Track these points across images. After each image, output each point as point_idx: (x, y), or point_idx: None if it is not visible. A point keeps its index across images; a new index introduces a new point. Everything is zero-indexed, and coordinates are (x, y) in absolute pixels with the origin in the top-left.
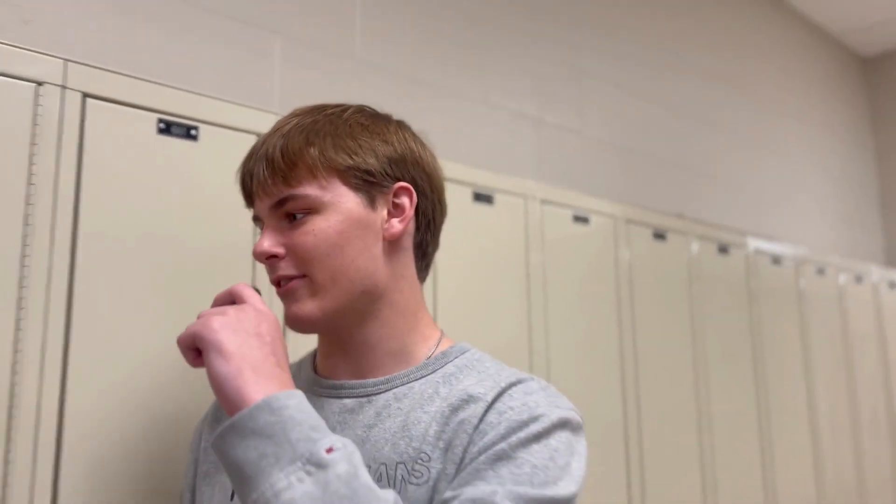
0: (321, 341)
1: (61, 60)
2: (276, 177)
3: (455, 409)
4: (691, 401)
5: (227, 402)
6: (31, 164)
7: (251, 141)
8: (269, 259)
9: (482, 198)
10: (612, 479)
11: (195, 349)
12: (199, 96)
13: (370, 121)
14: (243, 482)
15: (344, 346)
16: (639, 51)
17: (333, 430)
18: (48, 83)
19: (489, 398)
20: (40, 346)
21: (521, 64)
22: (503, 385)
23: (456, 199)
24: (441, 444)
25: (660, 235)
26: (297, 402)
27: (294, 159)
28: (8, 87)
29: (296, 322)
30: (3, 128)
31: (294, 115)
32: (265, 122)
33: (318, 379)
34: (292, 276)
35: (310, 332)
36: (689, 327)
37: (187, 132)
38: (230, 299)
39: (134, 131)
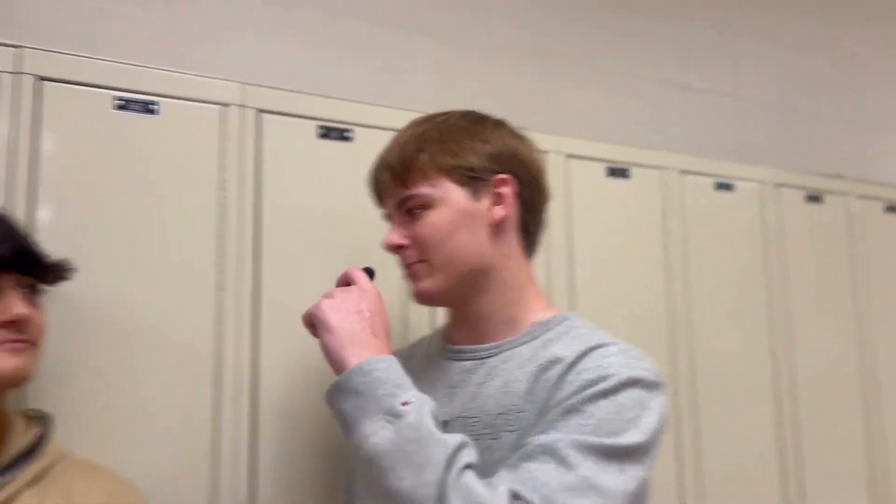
0: (448, 313)
1: (238, 84)
2: (396, 181)
3: (543, 369)
4: (853, 367)
5: (333, 367)
6: (220, 171)
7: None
8: (396, 249)
9: (617, 172)
10: (760, 446)
11: (312, 325)
12: (353, 102)
13: (471, 124)
14: (345, 429)
15: (463, 316)
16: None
17: (455, 387)
18: (231, 104)
19: (570, 360)
20: (234, 316)
21: (665, 30)
22: (584, 349)
23: (590, 175)
24: (530, 399)
25: (814, 198)
26: (385, 365)
27: (409, 165)
28: (198, 109)
29: (419, 297)
30: (196, 144)
31: (410, 125)
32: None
33: (444, 345)
34: (416, 262)
35: (432, 305)
36: (848, 292)
37: (342, 135)
38: (345, 281)
39: (299, 137)
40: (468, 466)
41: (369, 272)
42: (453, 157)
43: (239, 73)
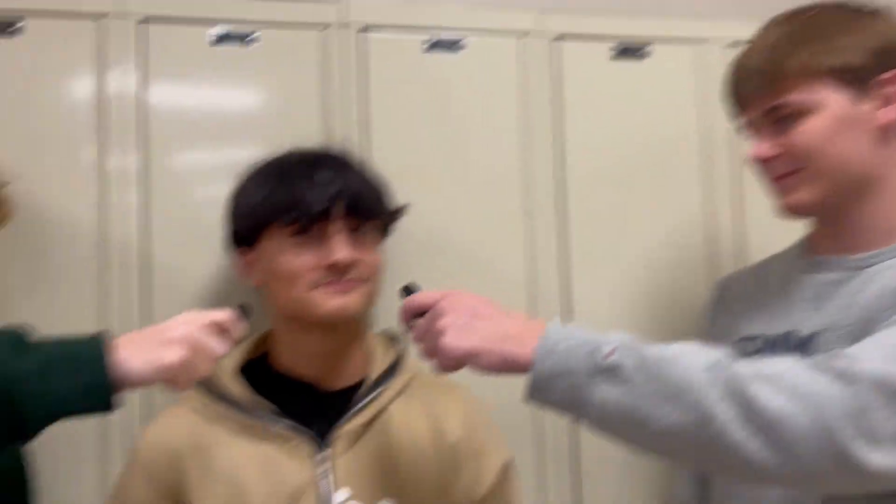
0: (814, 225)
1: (531, 11)
2: (765, 87)
3: None
4: None
5: (515, 371)
6: (520, 101)
7: (702, 54)
8: (763, 161)
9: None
10: None
11: (458, 365)
12: (648, 19)
13: (847, 17)
14: (572, 413)
15: (833, 226)
16: None
17: (821, 299)
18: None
19: None
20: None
21: None
22: None
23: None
24: None
25: None
26: (555, 331)
27: (781, 69)
28: (495, 43)
29: (793, 209)
30: (496, 78)
31: (773, 24)
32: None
33: (806, 257)
34: (787, 173)
35: (802, 217)
36: None
37: (636, 53)
38: (413, 312)
39: (591, 60)
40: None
41: (410, 290)
42: (832, 57)
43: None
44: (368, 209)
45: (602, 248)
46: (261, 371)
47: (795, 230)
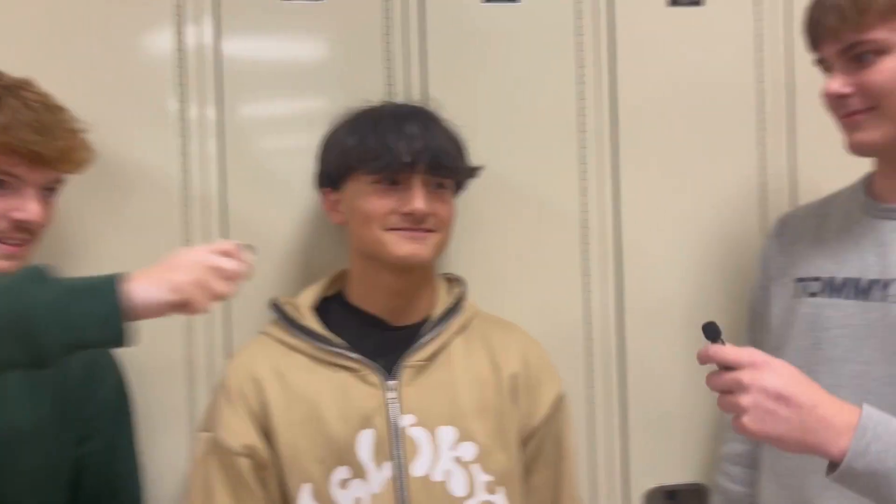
0: (878, 168)
1: None
2: (846, 24)
3: None
4: None
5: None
6: (577, 50)
7: (750, 7)
8: (836, 98)
9: None
10: None
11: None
12: None
13: None
14: (876, 500)
15: None
16: None
17: (887, 245)
18: None
19: None
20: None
21: None
22: None
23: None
24: None
25: None
26: (865, 433)
27: (864, 6)
28: None
29: (860, 147)
30: (552, 27)
31: None
32: None
33: (873, 203)
34: (858, 111)
35: (869, 155)
36: None
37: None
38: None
39: (646, 7)
40: None
41: (713, 331)
42: None
43: None
44: (448, 166)
45: (654, 192)
46: (336, 306)
47: (848, 179)
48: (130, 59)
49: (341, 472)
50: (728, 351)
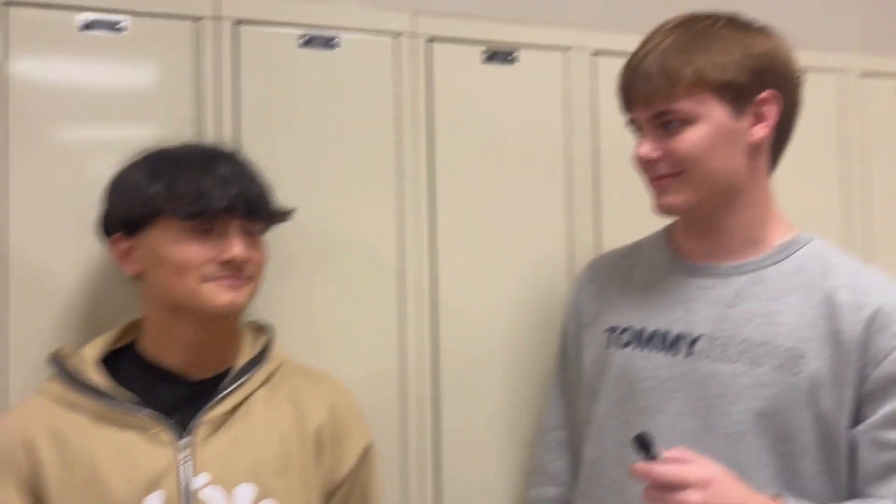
0: (681, 227)
1: (408, 14)
2: (656, 93)
3: (823, 315)
4: None
5: None
6: (395, 99)
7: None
8: (647, 162)
9: None
10: None
11: None
12: (517, 25)
13: (739, 32)
14: None
15: (702, 231)
16: None
17: (691, 302)
18: (403, 33)
19: (866, 316)
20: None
21: None
22: (880, 302)
23: None
24: (816, 346)
25: None
26: None
27: (673, 77)
28: (370, 42)
29: (664, 210)
30: (371, 75)
31: (668, 30)
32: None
33: (674, 258)
34: (666, 175)
35: (675, 216)
36: None
37: (506, 57)
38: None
39: (462, 62)
40: None
41: (645, 444)
42: (722, 73)
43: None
44: (264, 211)
45: (469, 243)
46: (128, 359)
47: (647, 231)
48: None
49: None
50: (671, 472)
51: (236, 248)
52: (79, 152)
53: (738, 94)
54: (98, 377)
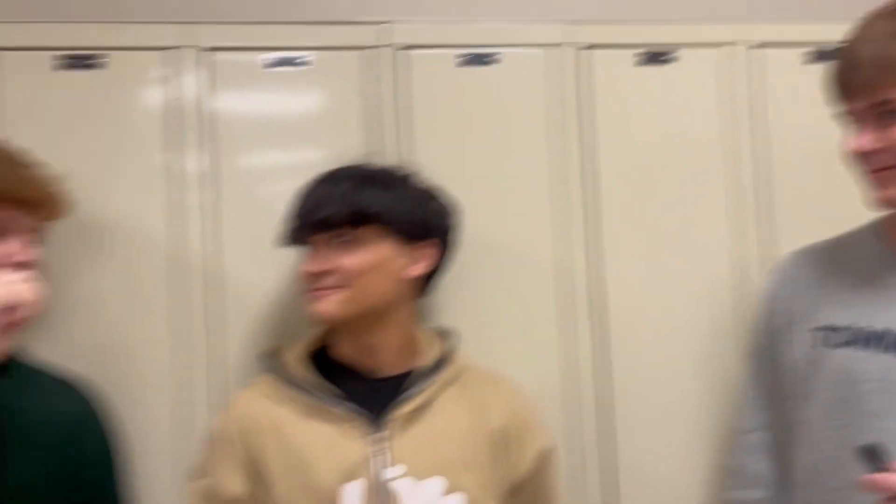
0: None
1: (559, 24)
2: (875, 80)
3: None
4: None
5: None
6: (554, 107)
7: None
8: (865, 154)
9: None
10: None
11: None
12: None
13: None
14: None
15: None
16: None
17: None
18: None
19: None
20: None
21: None
22: None
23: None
24: None
25: None
26: None
27: (889, 65)
28: (525, 55)
29: (887, 202)
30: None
31: (880, 17)
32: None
33: (886, 251)
34: (886, 167)
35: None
36: None
37: (662, 58)
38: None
39: (618, 67)
40: None
41: (876, 455)
42: None
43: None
44: (344, 218)
45: (637, 246)
46: (322, 360)
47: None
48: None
49: None
50: None
51: (308, 262)
52: (273, 173)
53: None
54: (306, 373)
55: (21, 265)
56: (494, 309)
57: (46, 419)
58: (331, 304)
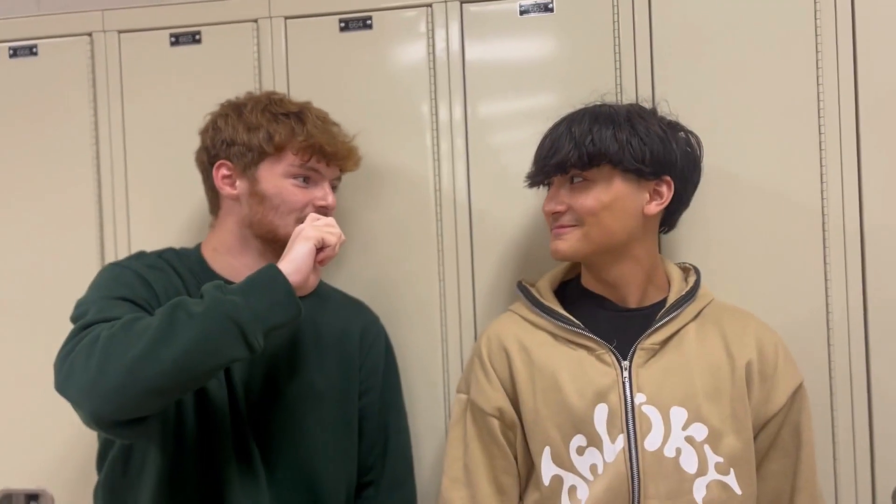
0: None
1: None
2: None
3: None
4: None
5: None
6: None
7: None
8: None
9: None
10: None
11: None
12: None
13: None
14: None
15: None
16: None
17: None
18: None
19: None
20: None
21: None
22: None
23: None
24: None
25: None
26: None
27: None
28: None
29: None
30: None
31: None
32: None
33: None
34: None
35: None
36: None
37: None
38: None
39: None
40: None
41: None
42: None
43: None
44: (579, 159)
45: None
46: (573, 289)
47: None
48: (390, 71)
49: (578, 440)
50: None
51: (547, 202)
52: (521, 117)
53: None
54: (553, 303)
55: (323, 209)
56: (749, 246)
57: (345, 329)
58: (567, 243)
